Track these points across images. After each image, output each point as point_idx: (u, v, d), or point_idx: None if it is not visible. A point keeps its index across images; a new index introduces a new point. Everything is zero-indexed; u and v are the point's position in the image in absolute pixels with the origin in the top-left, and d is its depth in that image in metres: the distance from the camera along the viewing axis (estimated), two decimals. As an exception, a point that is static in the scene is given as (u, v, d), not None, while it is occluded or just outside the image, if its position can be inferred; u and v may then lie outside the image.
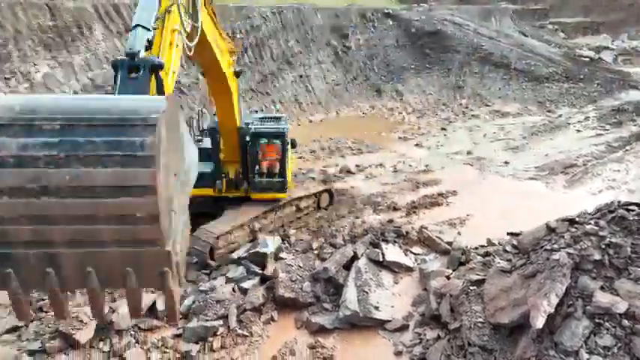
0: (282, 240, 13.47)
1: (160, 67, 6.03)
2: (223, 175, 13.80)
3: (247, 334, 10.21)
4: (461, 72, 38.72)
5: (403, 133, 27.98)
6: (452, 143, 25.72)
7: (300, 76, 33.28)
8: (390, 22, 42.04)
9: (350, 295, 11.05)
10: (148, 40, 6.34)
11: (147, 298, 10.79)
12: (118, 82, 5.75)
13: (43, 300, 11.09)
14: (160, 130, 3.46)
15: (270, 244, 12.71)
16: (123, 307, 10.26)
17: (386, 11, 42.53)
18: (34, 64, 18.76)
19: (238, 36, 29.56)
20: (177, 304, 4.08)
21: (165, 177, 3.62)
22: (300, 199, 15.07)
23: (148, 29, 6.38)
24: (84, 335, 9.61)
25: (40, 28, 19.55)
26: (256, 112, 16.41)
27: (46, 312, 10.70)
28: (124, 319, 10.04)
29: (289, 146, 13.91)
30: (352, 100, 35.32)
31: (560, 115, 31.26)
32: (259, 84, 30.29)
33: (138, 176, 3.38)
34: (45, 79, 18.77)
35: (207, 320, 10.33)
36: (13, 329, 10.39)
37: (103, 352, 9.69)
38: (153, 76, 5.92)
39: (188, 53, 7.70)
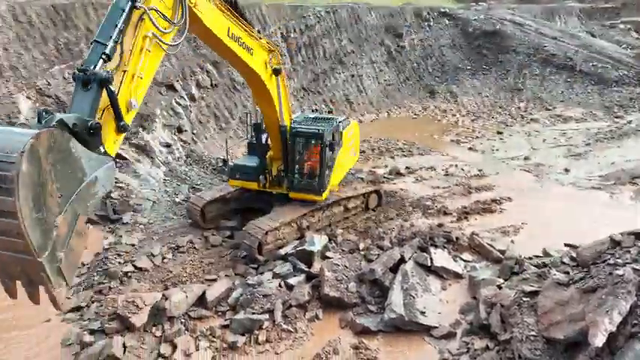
0: (329, 239, 13.51)
1: (107, 80, 6.59)
2: (266, 170, 14.03)
3: (292, 329, 10.33)
4: (520, 74, 37.19)
5: (456, 135, 27.26)
6: (508, 148, 24.76)
7: (352, 76, 33.23)
8: (447, 22, 41.08)
9: (396, 298, 10.91)
10: (104, 54, 6.88)
11: (198, 288, 11.21)
12: (73, 94, 6.58)
13: (102, 284, 11.80)
14: (20, 167, 4.51)
15: (317, 242, 12.79)
16: (176, 296, 10.71)
17: (442, 10, 41.59)
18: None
19: (292, 35, 29.96)
20: (56, 297, 5.33)
21: (36, 201, 4.76)
22: (348, 199, 15.06)
23: (105, 44, 6.88)
24: (139, 319, 10.09)
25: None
26: (314, 110, 16.70)
27: (105, 295, 11.36)
28: (175, 307, 10.46)
29: (332, 148, 13.80)
30: (404, 101, 34.85)
31: (630, 122, 29.25)
32: (311, 83, 30.53)
33: (3, 204, 4.56)
34: (111, 75, 19.87)
35: (253, 313, 10.55)
36: (77, 309, 11.13)
37: (156, 336, 10.14)
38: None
39: (170, 52, 8.64)
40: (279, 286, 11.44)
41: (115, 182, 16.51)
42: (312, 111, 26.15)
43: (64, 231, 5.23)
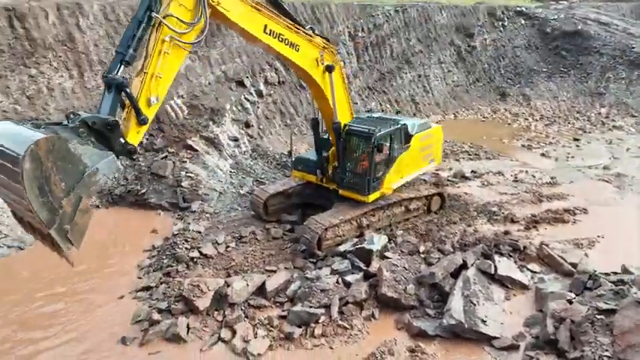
0: (389, 239, 13.37)
1: (122, 84, 7.93)
2: (324, 165, 14.14)
3: (348, 326, 10.36)
4: (603, 77, 34.63)
5: (528, 141, 25.92)
6: (585, 156, 23.17)
7: (419, 76, 32.61)
8: (522, 21, 39.13)
9: (456, 304, 10.60)
10: (124, 60, 8.25)
11: (258, 278, 11.55)
12: (101, 96, 8.21)
13: (170, 267, 12.48)
14: (25, 158, 6.17)
15: (376, 241, 12.71)
16: (237, 283, 11.11)
17: (518, 9, 39.66)
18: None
19: (360, 34, 29.92)
20: (67, 257, 7.19)
21: (41, 189, 6.41)
22: (410, 200, 14.82)
23: (124, 53, 8.23)
24: (202, 303, 10.59)
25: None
26: (398, 112, 16.66)
27: (172, 277, 12.01)
28: (237, 294, 10.85)
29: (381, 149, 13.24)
30: (472, 103, 33.68)
31: None
32: (377, 82, 30.33)
33: (18, 191, 6.33)
34: (186, 71, 20.92)
35: (310, 307, 10.70)
36: (147, 288, 11.87)
37: (217, 320, 10.59)
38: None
39: (191, 50, 9.55)
40: (337, 282, 11.50)
41: (186, 172, 17.42)
42: (396, 112, 25.75)
43: (69, 210, 6.88)
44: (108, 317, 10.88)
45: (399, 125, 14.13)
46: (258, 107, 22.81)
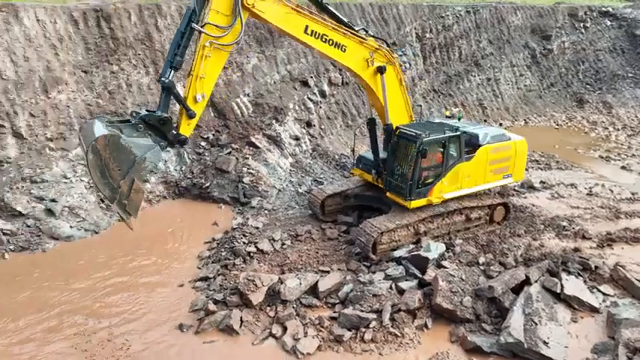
0: (447, 248, 12.93)
1: (168, 86, 9.54)
2: (379, 166, 13.98)
3: (399, 334, 10.16)
4: (699, 85, 31.38)
5: (606, 152, 24.04)
6: (673, 171, 21.11)
7: (489, 79, 31.31)
8: (608, 22, 36.36)
9: (515, 321, 10.06)
10: (172, 66, 9.62)
11: (311, 277, 11.62)
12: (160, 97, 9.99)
13: (228, 260, 12.90)
14: (89, 150, 8.40)
15: (433, 249, 12.36)
16: (291, 281, 11.26)
17: (604, 9, 36.88)
18: (247, 56, 21.65)
19: (427, 35, 29.23)
20: (129, 224, 9.30)
21: (102, 174, 8.60)
22: (471, 209, 14.23)
23: (171, 60, 9.64)
24: (256, 297, 10.85)
25: (256, 24, 22.39)
26: (459, 118, 15.67)
27: (229, 270, 12.41)
28: (289, 292, 11.00)
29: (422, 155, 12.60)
30: (546, 109, 31.82)
31: None
32: (442, 85, 29.51)
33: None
34: (253, 70, 21.52)
35: (362, 310, 10.61)
36: (205, 279, 12.36)
37: (269, 316, 10.81)
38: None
39: (231, 51, 10.67)
40: (390, 288, 11.32)
41: (248, 169, 17.94)
42: (484, 121, 24.51)
43: (125, 189, 8.92)
44: (168, 304, 11.45)
45: (456, 133, 13.26)
46: (320, 107, 22.98)
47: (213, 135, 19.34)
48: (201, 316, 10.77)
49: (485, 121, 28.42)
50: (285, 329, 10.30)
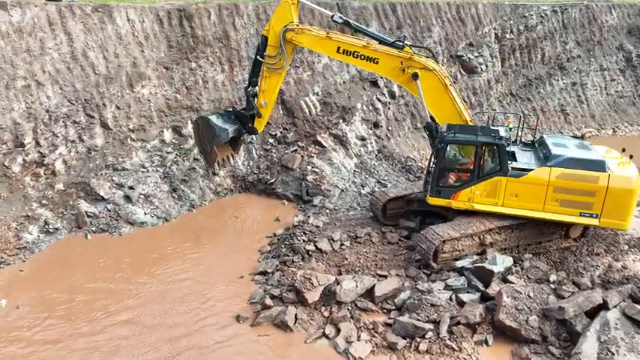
0: (514, 262, 12.19)
1: (251, 95, 14.99)
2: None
3: (456, 348, 9.74)
4: None
5: None
6: None
7: (573, 84, 29.13)
8: None
9: (588, 348, 9.26)
10: (252, 82, 14.91)
11: (368, 281, 11.47)
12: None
13: (287, 256, 13.10)
14: (194, 127, 16.00)
15: (499, 262, 11.71)
16: (347, 283, 11.19)
17: None
18: (318, 55, 21.83)
19: (508, 36, 27.77)
20: (211, 166, 15.92)
21: (198, 141, 15.72)
22: (545, 221, 13.24)
23: (250, 79, 15.00)
24: (311, 296, 10.90)
25: (329, 24, 22.52)
26: (510, 129, 14.24)
27: (288, 267, 12.60)
28: (345, 293, 10.93)
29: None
30: (639, 118, 28.99)
31: None
32: (521, 88, 27.90)
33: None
34: (323, 69, 21.68)
35: (418, 319, 10.30)
36: (264, 273, 12.65)
37: (324, 315, 10.82)
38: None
39: (284, 72, 14.79)
40: (450, 299, 10.89)
41: (312, 167, 18.13)
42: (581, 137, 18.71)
43: (209, 149, 15.04)
44: (227, 294, 11.87)
45: (494, 140, 12.41)
46: (389, 108, 22.64)
47: (281, 132, 19.73)
48: (258, 310, 11.03)
49: (568, 131, 26.45)
50: (338, 331, 10.27)
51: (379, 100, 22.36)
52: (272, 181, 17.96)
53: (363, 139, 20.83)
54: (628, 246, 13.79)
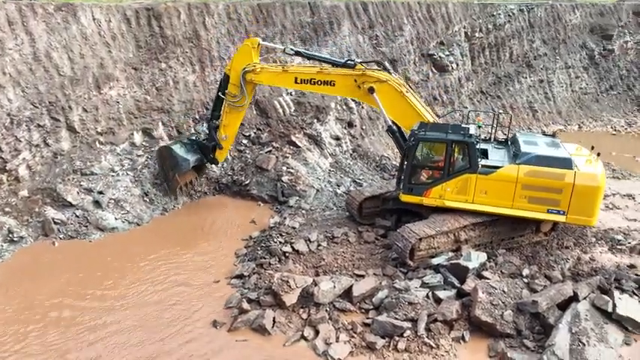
0: (489, 257, 12.40)
1: (212, 127, 16.20)
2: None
3: (434, 345, 9.82)
4: None
5: (670, 161, 22.40)
6: None
7: (541, 81, 29.94)
8: (677, 22, 33.83)
9: (561, 340, 9.48)
10: (214, 117, 16.11)
11: (346, 281, 11.45)
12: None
13: (264, 259, 12.95)
14: (157, 155, 17.12)
15: (474, 258, 11.88)
16: (325, 284, 11.14)
17: (673, 8, 34.35)
18: (291, 56, 21.69)
19: (477, 35, 28.30)
20: (173, 193, 16.82)
21: (164, 166, 16.60)
22: (516, 217, 13.51)
23: (213, 113, 16.20)
24: (289, 298, 10.79)
25: (300, 23, 22.44)
26: (479, 127, 14.32)
27: (265, 269, 12.45)
28: (323, 295, 10.88)
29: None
30: (602, 114, 30.09)
31: None
32: (491, 86, 28.50)
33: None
34: (297, 69, 21.56)
35: (396, 318, 10.34)
36: (240, 276, 12.47)
37: (302, 318, 10.74)
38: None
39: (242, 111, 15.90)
40: (427, 296, 10.98)
41: (287, 168, 18.01)
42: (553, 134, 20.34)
43: (171, 177, 16.27)
44: (203, 299, 11.63)
45: (464, 138, 12.52)
46: (362, 107, 22.72)
47: (255, 133, 19.53)
48: (235, 314, 10.85)
49: (529, 128, 27.18)
50: (317, 332, 10.20)
51: (353, 100, 22.40)
52: (247, 182, 17.75)
53: (337, 138, 20.83)
54: (595, 238, 14.22)
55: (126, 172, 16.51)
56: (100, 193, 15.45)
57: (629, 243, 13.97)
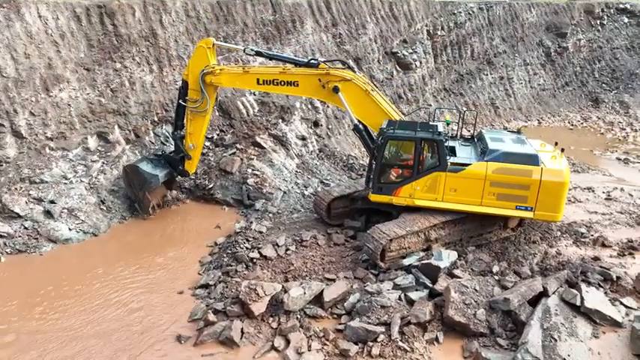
0: (459, 256, 12.32)
1: (178, 138, 15.45)
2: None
3: (408, 349, 9.58)
4: None
5: (625, 154, 23.24)
6: (696, 174, 20.28)
7: (501, 78, 30.55)
8: (626, 20, 35.39)
9: (533, 337, 9.43)
10: (178, 125, 15.36)
11: (316, 286, 11.08)
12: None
13: (230, 266, 12.40)
14: (123, 175, 15.94)
15: (445, 257, 11.76)
16: (294, 290, 10.72)
17: (621, 6, 35.89)
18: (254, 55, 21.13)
19: (439, 33, 28.56)
20: (145, 212, 15.72)
21: (132, 186, 15.56)
22: (483, 214, 13.52)
23: (176, 123, 15.47)
24: (257, 307, 10.32)
25: (262, 21, 21.91)
26: (447, 123, 14.28)
27: (231, 277, 11.91)
28: (293, 302, 10.46)
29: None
30: (560, 109, 31.01)
31: None
32: (454, 84, 28.83)
33: None
34: (260, 68, 21.01)
35: (369, 323, 10.05)
36: (205, 286, 11.87)
37: (272, 327, 10.28)
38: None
39: (205, 115, 14.90)
40: (399, 298, 10.74)
41: (252, 170, 17.45)
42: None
43: (141, 196, 15.29)
44: (166, 313, 10.98)
45: (432, 136, 12.42)
46: (328, 106, 22.41)
47: (218, 135, 18.88)
48: (200, 327, 10.27)
49: (492, 125, 27.69)
50: (288, 342, 9.77)
51: (318, 99, 22.06)
52: (210, 186, 17.09)
53: (303, 138, 20.44)
54: (560, 232, 14.46)
55: (80, 179, 15.53)
56: (52, 202, 14.44)
57: (592, 235, 14.28)
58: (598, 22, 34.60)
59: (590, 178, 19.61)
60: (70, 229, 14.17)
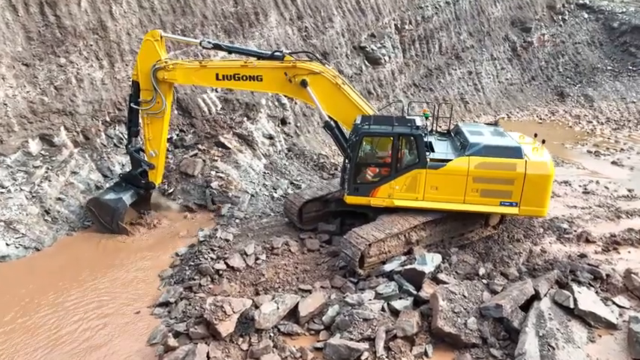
0: (442, 258, 11.47)
1: (132, 152, 14.02)
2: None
3: (395, 366, 8.62)
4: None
5: (594, 146, 23.27)
6: (665, 165, 20.39)
7: (470, 73, 30.31)
8: (586, 15, 35.99)
9: (530, 346, 8.66)
10: (132, 133, 13.92)
11: (290, 299, 9.96)
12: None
13: (193, 280, 11.11)
14: (88, 213, 14.34)
15: (429, 261, 10.88)
16: (266, 306, 9.58)
17: (581, 2, 36.50)
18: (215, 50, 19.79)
19: (407, 27, 27.96)
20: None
21: (102, 221, 13.91)
22: (463, 212, 12.72)
23: (129, 131, 14.02)
24: (225, 328, 9.11)
25: (223, 13, 20.55)
26: (426, 117, 13.36)
27: (195, 293, 10.64)
28: (265, 319, 9.31)
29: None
30: (528, 103, 31.06)
31: None
32: (423, 79, 28.31)
33: None
34: (222, 63, 19.67)
35: (351, 339, 9.02)
36: (165, 304, 10.55)
37: (242, 349, 9.09)
38: None
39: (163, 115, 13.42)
40: (382, 309, 9.77)
41: (216, 172, 16.17)
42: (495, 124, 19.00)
43: (115, 227, 13.75)
44: (121, 336, 9.61)
45: (411, 131, 11.63)
46: (295, 103, 21.30)
47: (177, 135, 17.43)
48: (160, 353, 8.97)
49: (463, 118, 27.35)
50: (260, 366, 8.62)
51: (285, 95, 20.91)
52: (170, 191, 15.66)
53: (270, 137, 19.25)
54: (543, 229, 13.93)
55: (19, 188, 13.78)
56: (-15, 214, 12.69)
57: (575, 231, 13.81)
58: (560, 17, 35.03)
59: (565, 171, 19.38)
60: (7, 245, 12.46)
